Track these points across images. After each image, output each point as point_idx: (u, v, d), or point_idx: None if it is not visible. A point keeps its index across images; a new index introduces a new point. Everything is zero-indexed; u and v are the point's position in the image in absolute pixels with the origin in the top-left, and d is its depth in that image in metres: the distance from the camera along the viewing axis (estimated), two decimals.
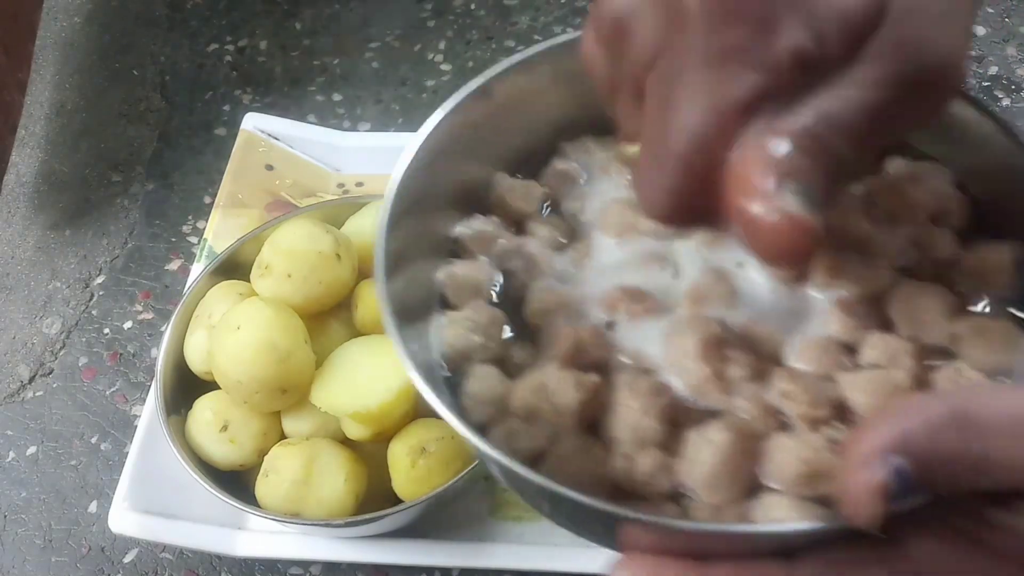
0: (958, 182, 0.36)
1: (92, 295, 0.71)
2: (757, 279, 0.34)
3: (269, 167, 0.71)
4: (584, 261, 0.36)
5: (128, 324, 0.69)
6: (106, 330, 0.69)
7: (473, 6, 0.87)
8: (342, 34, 0.86)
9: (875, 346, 0.32)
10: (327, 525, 0.49)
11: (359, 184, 0.71)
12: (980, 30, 0.77)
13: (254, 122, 0.73)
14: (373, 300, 0.53)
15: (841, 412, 0.30)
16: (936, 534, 0.25)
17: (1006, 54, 0.75)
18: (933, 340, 0.32)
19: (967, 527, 0.25)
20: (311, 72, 0.84)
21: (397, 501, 0.49)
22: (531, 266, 0.36)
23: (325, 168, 0.72)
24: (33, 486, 0.61)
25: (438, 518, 0.54)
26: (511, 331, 0.35)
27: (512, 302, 0.35)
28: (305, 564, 0.56)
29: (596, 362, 0.32)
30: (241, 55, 0.86)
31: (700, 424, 0.30)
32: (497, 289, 0.36)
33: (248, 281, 0.55)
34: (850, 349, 0.32)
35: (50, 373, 0.67)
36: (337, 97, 0.81)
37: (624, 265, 0.35)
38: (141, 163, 0.79)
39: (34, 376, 0.67)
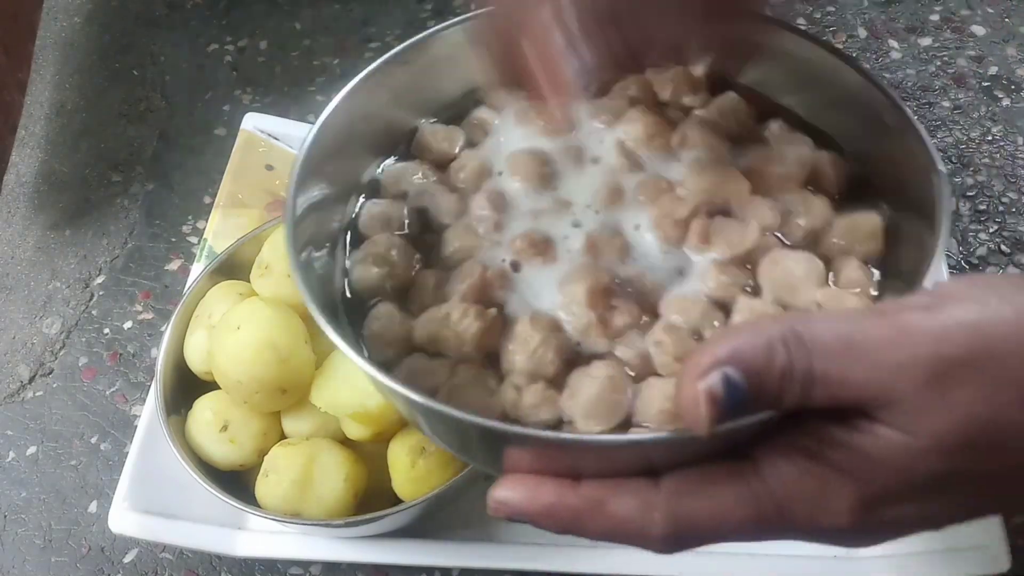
0: (835, 145, 0.39)
1: (92, 295, 0.71)
2: (648, 238, 0.37)
3: (269, 167, 0.71)
4: (497, 204, 0.38)
5: (128, 324, 0.69)
6: (106, 330, 0.69)
7: (473, 6, 0.87)
8: (342, 34, 0.86)
9: (741, 310, 0.34)
10: (327, 525, 0.49)
11: None
12: (980, 30, 0.77)
13: (254, 122, 0.73)
14: None
15: None
16: (784, 453, 0.27)
17: (1006, 54, 0.75)
18: (798, 304, 0.34)
19: (812, 445, 0.27)
20: (311, 72, 0.84)
21: (397, 501, 0.49)
22: (448, 206, 0.39)
23: None
24: (33, 486, 0.61)
25: (438, 518, 0.54)
26: (419, 263, 0.38)
27: (426, 241, 0.38)
28: (305, 564, 0.56)
29: (498, 301, 0.35)
30: (241, 55, 0.86)
31: (584, 364, 0.33)
32: (407, 224, 0.39)
33: (248, 281, 0.55)
34: (723, 307, 0.35)
35: (50, 373, 0.67)
36: None
37: (532, 212, 0.38)
38: (141, 163, 0.79)
39: (34, 376, 0.67)
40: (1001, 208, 0.66)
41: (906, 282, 0.33)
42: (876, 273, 0.36)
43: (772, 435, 0.28)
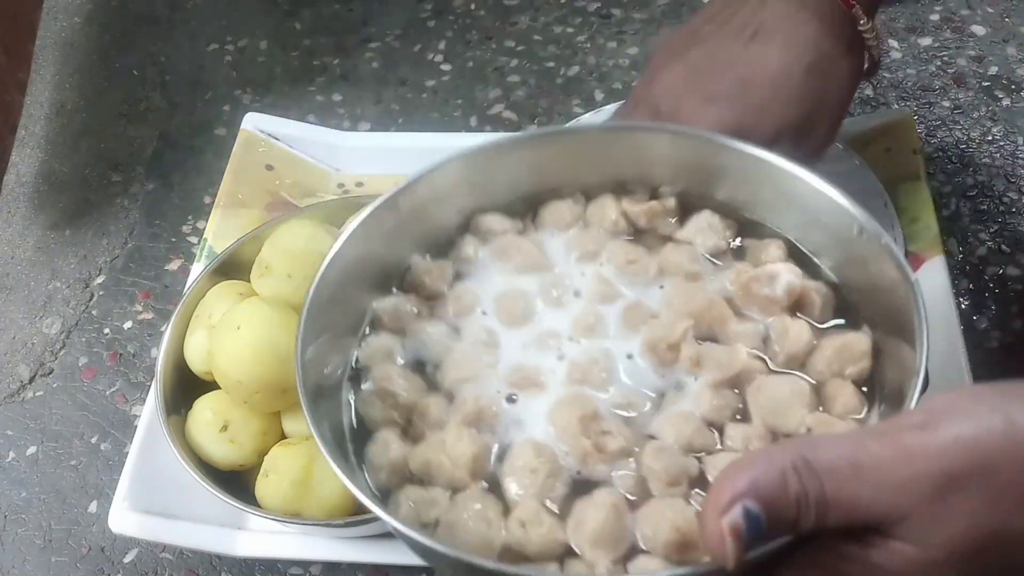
0: (818, 268, 0.42)
1: (92, 295, 0.71)
2: (641, 364, 0.39)
3: (269, 167, 0.71)
4: (488, 341, 0.41)
5: (128, 324, 0.69)
6: (106, 330, 0.69)
7: (473, 6, 0.87)
8: (342, 34, 0.86)
9: (732, 436, 0.36)
10: (327, 525, 0.49)
11: (359, 184, 0.71)
12: (980, 30, 0.77)
13: (254, 122, 0.73)
14: None
15: (702, 482, 0.35)
16: (803, 572, 0.29)
17: (1006, 54, 0.75)
18: (788, 428, 0.36)
19: (829, 563, 0.28)
20: (311, 72, 0.84)
21: None
22: (441, 340, 0.41)
23: (325, 168, 0.72)
24: (33, 486, 0.61)
25: None
26: (420, 391, 0.40)
27: (424, 372, 0.41)
28: (305, 564, 0.56)
29: (492, 430, 0.38)
30: (241, 55, 0.86)
31: (586, 493, 0.35)
32: (404, 356, 0.41)
33: (248, 281, 0.55)
34: (715, 427, 0.37)
35: (50, 373, 0.67)
36: (337, 97, 0.81)
37: (520, 346, 0.41)
38: (141, 163, 0.79)
39: (34, 376, 0.67)
40: (1002, 208, 0.66)
41: (892, 401, 0.36)
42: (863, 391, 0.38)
43: (792, 554, 0.29)
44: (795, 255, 0.42)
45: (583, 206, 0.45)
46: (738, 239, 0.43)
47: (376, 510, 0.32)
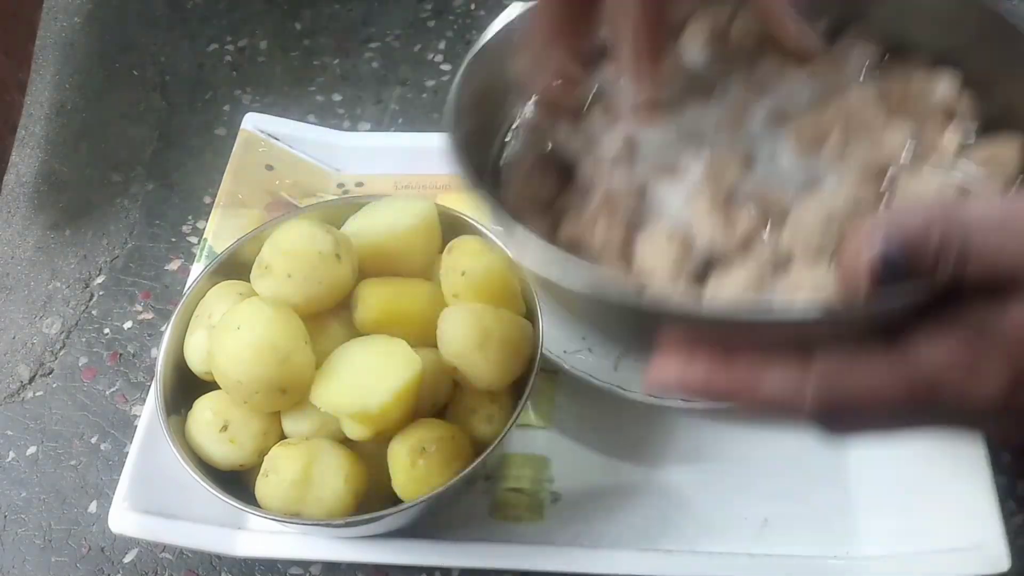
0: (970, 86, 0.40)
1: (92, 295, 0.71)
2: (785, 150, 0.38)
3: (269, 167, 0.71)
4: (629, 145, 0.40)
5: (128, 324, 0.69)
6: (106, 330, 0.69)
7: (473, 6, 0.87)
8: (342, 34, 0.86)
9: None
10: (327, 525, 0.49)
11: (359, 184, 0.71)
12: None
13: (254, 122, 0.73)
14: (373, 300, 0.53)
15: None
16: (937, 329, 0.28)
17: None
18: None
19: (964, 321, 0.27)
20: (311, 72, 0.84)
21: (397, 501, 0.49)
22: (587, 141, 0.41)
23: (325, 168, 0.72)
24: (33, 486, 0.61)
25: (438, 518, 0.54)
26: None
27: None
28: (305, 564, 0.56)
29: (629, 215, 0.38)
30: (241, 55, 0.86)
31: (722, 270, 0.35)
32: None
33: (248, 281, 0.55)
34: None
35: (50, 373, 0.67)
36: (337, 97, 0.81)
37: (661, 144, 0.39)
38: (141, 163, 0.79)
39: (34, 376, 0.67)
40: None
41: None
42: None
43: (927, 313, 0.28)
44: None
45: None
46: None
47: (544, 248, 0.32)
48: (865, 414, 0.28)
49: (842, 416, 0.28)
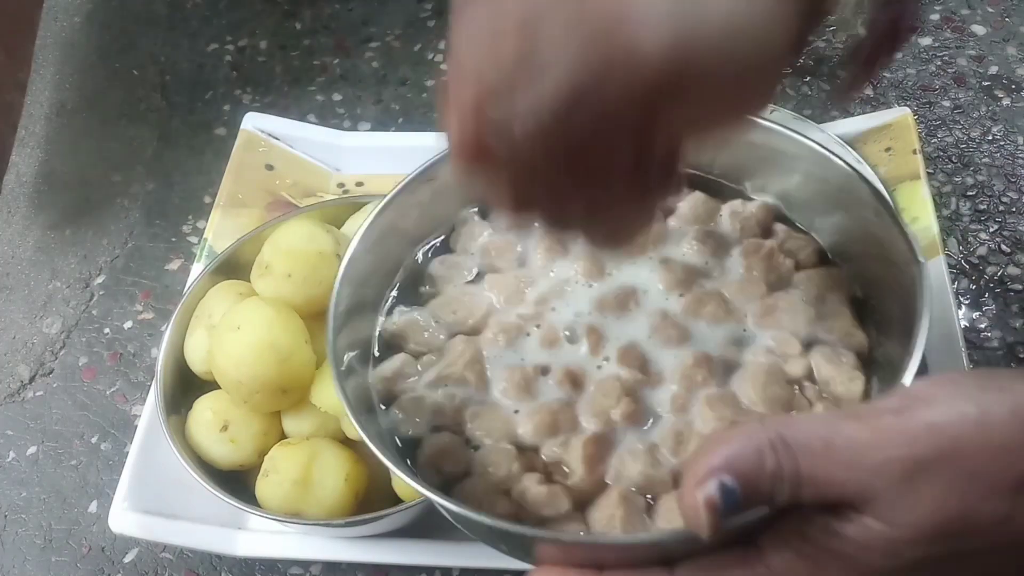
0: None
1: (92, 295, 0.71)
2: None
3: (269, 167, 0.71)
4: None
5: (128, 324, 0.69)
6: (106, 330, 0.69)
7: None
8: (342, 34, 0.86)
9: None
10: (327, 525, 0.49)
11: (359, 184, 0.71)
12: (980, 30, 0.77)
13: (254, 122, 0.73)
14: None
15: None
16: (785, 539, 0.30)
17: (1006, 54, 0.75)
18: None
19: (808, 532, 0.29)
20: (311, 72, 0.84)
21: (397, 501, 0.49)
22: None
23: (325, 168, 0.72)
24: (33, 486, 0.61)
25: (438, 518, 0.53)
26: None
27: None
28: (305, 564, 0.56)
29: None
30: (241, 55, 0.86)
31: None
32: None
33: (248, 281, 0.55)
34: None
35: (50, 373, 0.67)
36: (337, 97, 0.81)
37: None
38: (141, 163, 0.79)
39: (34, 376, 0.67)
40: (1001, 208, 0.66)
41: (886, 379, 0.38)
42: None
43: (775, 523, 0.30)
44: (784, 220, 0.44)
45: None
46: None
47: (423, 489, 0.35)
48: None
49: None
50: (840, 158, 0.41)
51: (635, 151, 0.28)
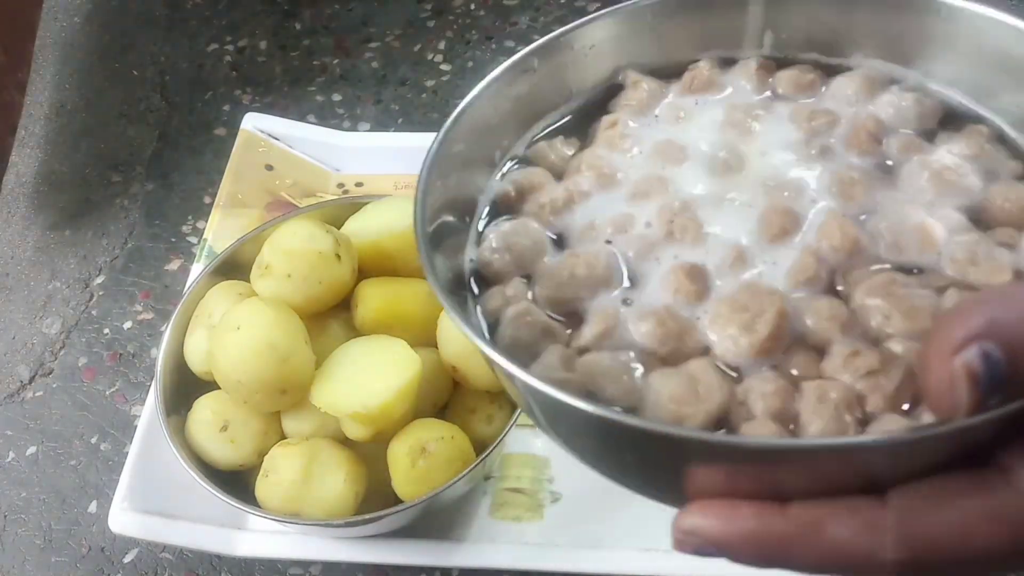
0: None
1: (92, 295, 0.71)
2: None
3: (269, 167, 0.71)
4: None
5: (128, 324, 0.69)
6: (106, 330, 0.69)
7: (473, 6, 0.87)
8: (342, 34, 0.86)
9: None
10: (327, 525, 0.49)
11: (359, 184, 0.71)
12: None
13: (254, 122, 0.73)
14: (373, 300, 0.53)
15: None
16: None
17: None
18: None
19: None
20: (311, 72, 0.84)
21: (397, 501, 0.49)
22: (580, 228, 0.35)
23: (325, 168, 0.72)
24: (33, 486, 0.61)
25: (438, 518, 0.54)
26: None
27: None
28: (305, 564, 0.56)
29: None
30: (241, 55, 0.86)
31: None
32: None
33: (248, 281, 0.55)
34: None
35: (50, 373, 0.67)
36: (337, 97, 0.81)
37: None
38: (141, 163, 0.79)
39: (34, 376, 0.67)
40: None
41: None
42: None
43: (1020, 437, 0.23)
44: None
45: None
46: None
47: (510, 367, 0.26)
48: (958, 561, 0.23)
49: (930, 564, 0.23)
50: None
51: None
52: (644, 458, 0.27)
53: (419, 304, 0.54)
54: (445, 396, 0.54)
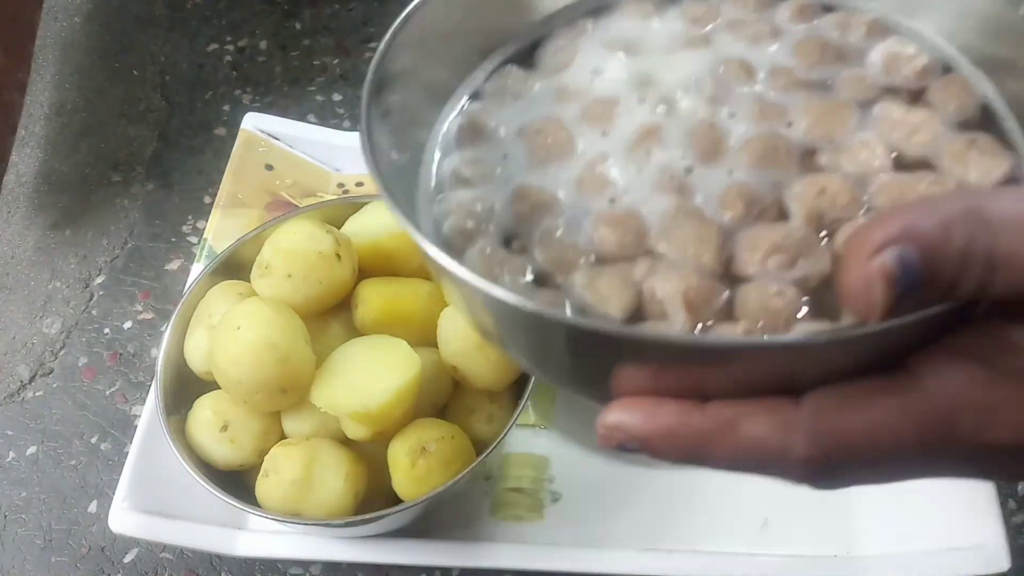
0: None
1: (92, 295, 0.71)
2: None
3: (269, 167, 0.71)
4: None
5: (128, 324, 0.69)
6: (106, 330, 0.69)
7: None
8: (342, 34, 0.86)
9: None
10: (327, 525, 0.49)
11: (359, 184, 0.71)
12: None
13: (254, 122, 0.73)
14: (373, 300, 0.53)
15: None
16: (949, 359, 0.23)
17: None
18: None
19: (983, 349, 0.23)
20: (311, 72, 0.84)
21: (397, 501, 0.49)
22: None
23: (325, 168, 0.72)
24: (33, 486, 0.61)
25: (438, 518, 0.54)
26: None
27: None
28: (305, 564, 0.56)
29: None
30: (241, 55, 0.86)
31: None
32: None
33: (248, 281, 0.55)
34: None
35: (50, 373, 0.67)
36: (337, 97, 0.81)
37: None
38: (141, 163, 0.79)
39: (34, 376, 0.67)
40: None
41: None
42: None
43: (931, 343, 0.24)
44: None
45: None
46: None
47: (445, 262, 0.26)
48: (866, 459, 0.24)
49: (839, 462, 0.24)
50: None
51: None
52: (571, 353, 0.27)
53: (419, 304, 0.54)
54: (445, 396, 0.54)
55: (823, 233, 0.29)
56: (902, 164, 0.31)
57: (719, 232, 0.29)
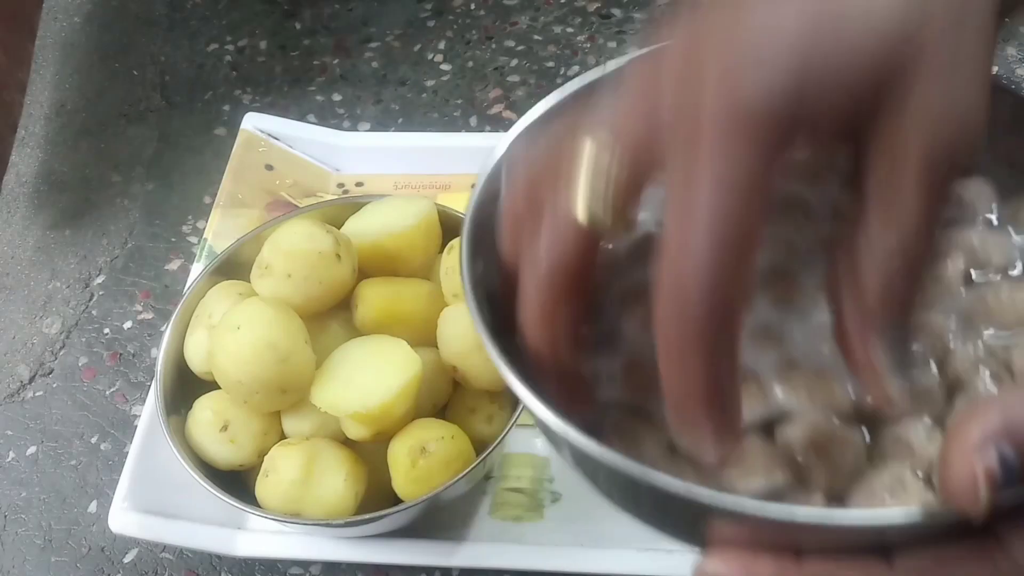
0: None
1: (92, 295, 0.71)
2: None
3: (269, 167, 0.71)
4: None
5: (128, 324, 0.69)
6: (106, 330, 0.69)
7: (473, 6, 0.87)
8: (342, 34, 0.86)
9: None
10: (327, 525, 0.49)
11: (359, 184, 0.71)
12: None
13: (254, 122, 0.73)
14: (373, 300, 0.53)
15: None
16: None
17: (1006, 54, 0.75)
18: None
19: None
20: (311, 72, 0.84)
21: (397, 501, 0.49)
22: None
23: (325, 168, 0.72)
24: (33, 486, 0.61)
25: (438, 518, 0.54)
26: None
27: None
28: (305, 564, 0.56)
29: None
30: (241, 55, 0.86)
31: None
32: None
33: (248, 281, 0.55)
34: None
35: (50, 373, 0.67)
36: (337, 97, 0.81)
37: None
38: (141, 163, 0.79)
39: (34, 376, 0.67)
40: None
41: None
42: None
43: (1020, 514, 0.25)
44: None
45: None
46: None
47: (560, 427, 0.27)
48: None
49: None
50: None
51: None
52: (670, 510, 0.28)
53: (419, 304, 0.54)
54: (445, 396, 0.54)
55: None
56: None
57: None
